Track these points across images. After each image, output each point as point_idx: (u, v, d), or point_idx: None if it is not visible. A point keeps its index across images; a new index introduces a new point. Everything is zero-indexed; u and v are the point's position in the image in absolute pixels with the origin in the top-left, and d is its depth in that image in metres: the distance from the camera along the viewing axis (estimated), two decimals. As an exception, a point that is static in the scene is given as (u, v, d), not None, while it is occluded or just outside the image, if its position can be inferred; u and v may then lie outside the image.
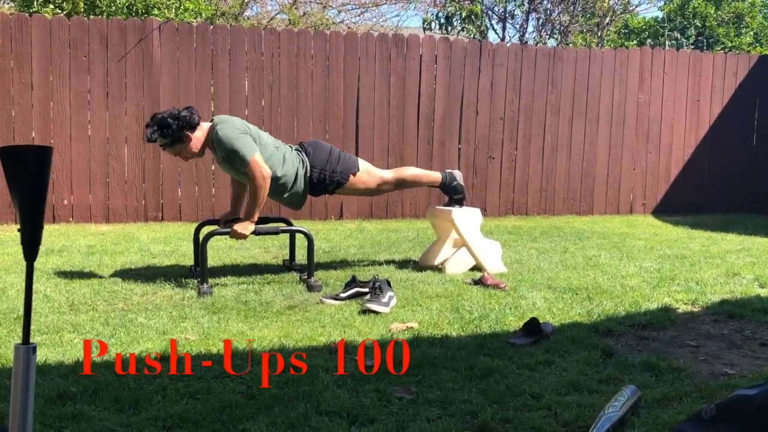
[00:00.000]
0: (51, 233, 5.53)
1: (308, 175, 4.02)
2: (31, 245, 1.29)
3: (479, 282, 3.91)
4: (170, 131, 3.76)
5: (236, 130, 3.78)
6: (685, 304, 3.55)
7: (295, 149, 4.09)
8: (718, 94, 7.93)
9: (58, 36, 6.14)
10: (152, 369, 2.45)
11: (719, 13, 12.84)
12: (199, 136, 3.85)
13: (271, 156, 3.88)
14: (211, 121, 3.92)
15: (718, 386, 2.37)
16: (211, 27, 6.58)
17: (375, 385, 2.33)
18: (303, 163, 4.02)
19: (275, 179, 3.90)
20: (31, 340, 1.32)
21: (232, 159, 3.76)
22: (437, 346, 2.77)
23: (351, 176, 4.10)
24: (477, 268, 4.30)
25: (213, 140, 3.81)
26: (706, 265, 4.57)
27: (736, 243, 5.61)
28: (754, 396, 1.78)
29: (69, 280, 3.90)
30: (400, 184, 4.35)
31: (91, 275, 4.04)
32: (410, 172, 4.38)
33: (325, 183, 4.07)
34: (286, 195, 4.01)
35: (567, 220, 7.18)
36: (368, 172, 4.20)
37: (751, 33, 12.98)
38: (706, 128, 7.92)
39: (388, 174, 4.29)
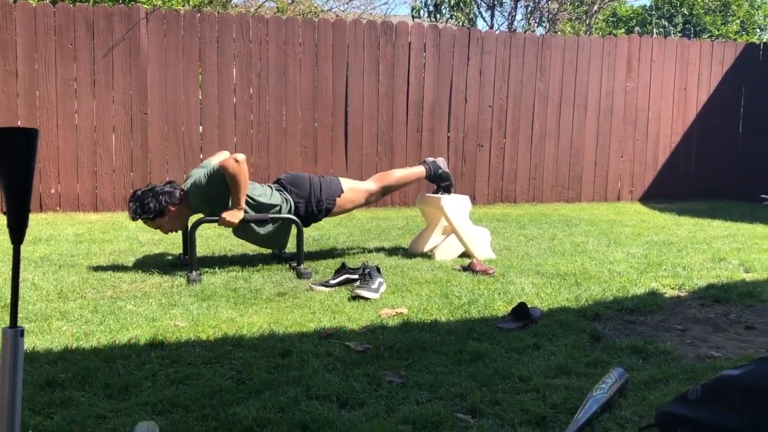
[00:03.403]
0: (38, 222, 5.50)
1: (293, 211, 4.02)
2: (17, 229, 1.28)
3: (468, 268, 3.92)
4: (152, 209, 3.80)
5: (201, 181, 3.82)
6: (672, 288, 3.59)
7: (276, 188, 4.07)
8: (705, 81, 7.97)
9: (43, 23, 6.08)
10: (142, 355, 2.45)
11: (706, 1, 12.88)
12: (180, 208, 3.88)
13: (260, 191, 3.93)
14: (182, 190, 3.92)
15: (704, 368, 2.39)
16: (199, 15, 6.54)
17: (365, 369, 2.34)
18: (286, 202, 4.02)
19: (268, 206, 3.90)
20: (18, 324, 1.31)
21: (207, 188, 3.78)
22: (427, 331, 2.78)
23: (337, 199, 4.12)
24: (466, 254, 4.32)
25: (188, 200, 3.87)
26: (692, 251, 4.61)
27: (722, 229, 5.66)
28: (739, 376, 1.81)
29: (57, 268, 3.88)
30: (387, 189, 4.37)
31: (79, 263, 4.02)
32: (394, 176, 4.38)
33: (313, 214, 4.08)
34: (267, 231, 3.95)
35: (555, 207, 7.21)
36: (353, 190, 4.20)
37: (738, 21, 13.04)
38: (693, 116, 7.97)
39: (373, 185, 4.29)
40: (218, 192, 3.79)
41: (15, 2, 6.10)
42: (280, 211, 3.97)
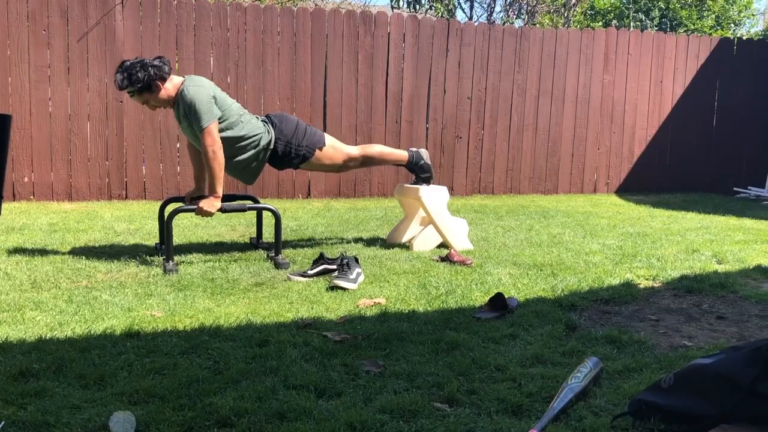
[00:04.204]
0: (11, 211, 5.41)
1: (272, 146, 3.98)
2: (-10, 216, 1.26)
3: (446, 259, 3.94)
4: (140, 79, 3.70)
5: (204, 92, 3.73)
6: (647, 279, 3.63)
7: (262, 120, 4.04)
8: (680, 75, 8.06)
9: (15, 8, 5.96)
10: (118, 345, 2.43)
11: (683, -5, 13.01)
12: (168, 87, 3.80)
13: (232, 120, 3.85)
14: (184, 78, 3.86)
15: (677, 357, 2.43)
16: (176, 2, 6.45)
17: (343, 359, 2.35)
18: (268, 133, 3.98)
19: (232, 139, 3.84)
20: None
21: (190, 117, 3.72)
22: (404, 321, 2.79)
23: (317, 150, 4.08)
24: (444, 245, 4.33)
25: (178, 94, 3.76)
26: (666, 243, 4.67)
27: (695, 221, 5.75)
28: (710, 365, 1.84)
29: (30, 257, 3.83)
30: (367, 161, 4.34)
31: (53, 253, 3.96)
32: (377, 149, 4.37)
33: (290, 156, 4.04)
34: (240, 158, 3.90)
35: (532, 199, 7.26)
36: (334, 148, 4.18)
37: (713, 16, 13.18)
38: (669, 109, 8.06)
39: (355, 150, 4.27)
40: (187, 118, 3.74)
41: (-14, -13, 5.97)
42: (259, 141, 3.93)
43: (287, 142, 4.01)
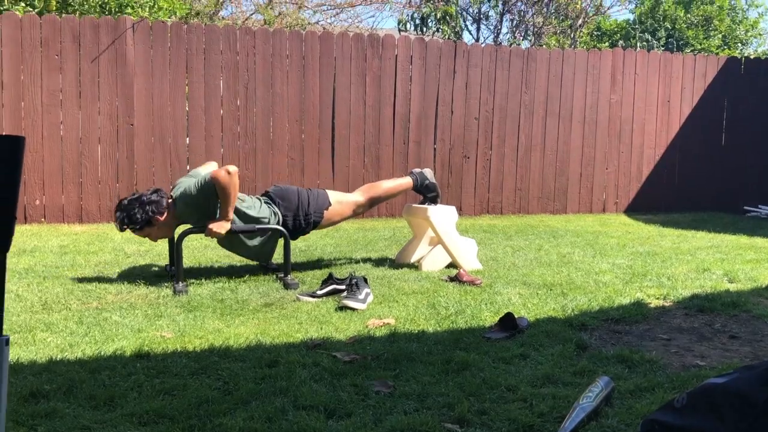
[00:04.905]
0: (23, 234, 5.45)
1: (280, 224, 4.02)
2: (3, 236, 1.27)
3: (455, 279, 3.93)
4: (139, 220, 3.77)
5: (191, 191, 3.79)
6: (657, 298, 3.61)
7: (264, 201, 4.08)
8: (688, 94, 8.07)
9: (30, 34, 6.06)
10: (128, 366, 2.43)
11: (689, 16, 13.06)
12: (167, 216, 3.85)
13: (250, 202, 3.93)
14: (171, 197, 3.90)
15: (690, 377, 2.41)
16: (186, 26, 6.54)
17: (352, 379, 2.34)
18: (275, 215, 4.02)
19: (256, 219, 3.90)
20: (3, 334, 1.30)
21: (198, 201, 3.76)
22: (414, 341, 2.78)
23: (325, 212, 4.13)
24: (453, 265, 4.32)
25: (175, 209, 3.84)
26: (677, 262, 4.65)
27: (706, 240, 5.72)
28: (724, 384, 1.82)
29: (41, 279, 3.85)
30: (374, 201, 4.38)
31: (64, 275, 3.98)
32: (381, 188, 4.40)
33: (301, 227, 4.09)
34: (254, 243, 3.95)
35: (541, 218, 7.25)
36: (340, 202, 4.22)
37: (720, 36, 13.23)
38: (677, 128, 8.06)
39: (360, 197, 4.30)
40: (207, 202, 3.78)
41: (1, 13, 6.07)
42: (268, 224, 3.97)
43: (295, 215, 4.05)
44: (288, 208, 4.05)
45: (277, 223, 4.00)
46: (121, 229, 3.81)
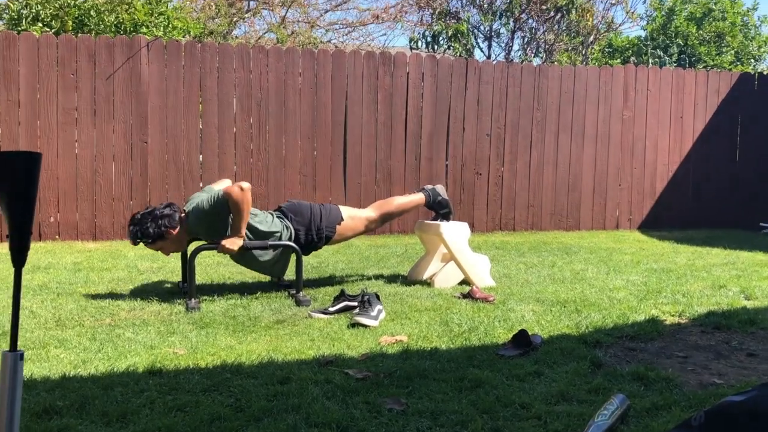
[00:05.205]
0: (37, 251, 5.49)
1: (293, 239, 4.03)
2: (19, 252, 1.28)
3: (468, 295, 3.91)
4: (152, 234, 3.79)
5: (203, 205, 3.81)
6: (672, 315, 3.58)
7: (277, 216, 4.10)
8: (701, 110, 8.04)
9: (46, 54, 6.14)
10: (140, 382, 2.43)
11: (701, 32, 13.05)
12: (180, 230, 3.87)
13: (260, 218, 3.94)
14: (183, 211, 3.92)
15: (707, 395, 2.38)
16: (200, 45, 6.61)
17: (365, 396, 2.33)
18: (287, 229, 4.03)
19: (268, 233, 3.91)
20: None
21: (211, 217, 3.78)
22: (427, 358, 2.77)
23: (337, 227, 4.14)
24: (465, 281, 4.31)
25: (187, 224, 3.86)
26: (692, 278, 4.60)
27: (721, 257, 5.66)
28: (742, 402, 1.79)
29: (55, 296, 3.87)
30: (387, 217, 4.39)
31: (77, 291, 4.00)
32: (394, 204, 4.41)
33: (313, 242, 4.10)
34: (266, 258, 3.98)
35: (554, 235, 7.22)
36: (353, 218, 4.23)
37: (732, 52, 13.19)
38: (690, 144, 8.02)
39: (372, 212, 4.31)
40: (220, 218, 3.80)
41: (19, 33, 6.17)
42: (280, 239, 3.97)
43: (307, 230, 4.06)
44: (300, 222, 4.06)
45: (289, 238, 4.01)
46: (134, 243, 3.83)
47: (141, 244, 3.86)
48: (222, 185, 4.11)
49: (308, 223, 4.07)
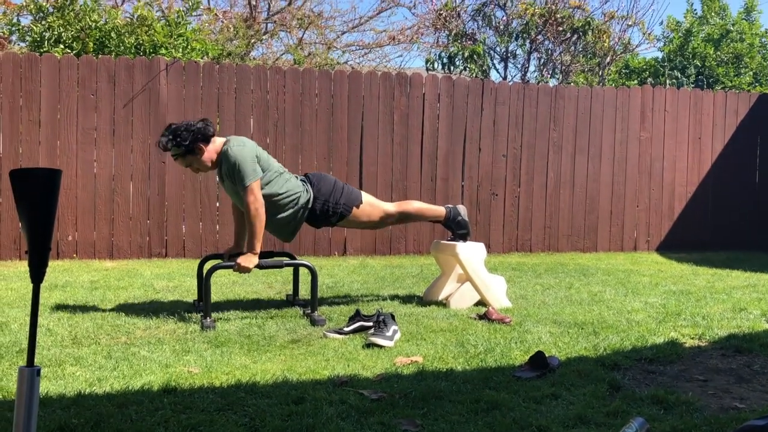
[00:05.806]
0: (54, 269, 5.53)
1: (310, 205, 4.04)
2: (38, 267, 1.29)
3: (484, 317, 3.88)
4: (184, 141, 3.80)
5: (247, 152, 3.83)
6: (692, 338, 3.52)
7: (301, 179, 4.12)
8: (719, 131, 7.98)
9: (67, 75, 6.24)
10: (155, 401, 2.43)
11: (719, 53, 13.00)
12: (211, 149, 3.89)
13: (273, 178, 3.93)
14: (226, 138, 3.96)
15: (728, 419, 2.33)
16: (218, 66, 6.68)
17: (380, 417, 2.30)
18: (307, 192, 4.04)
19: (272, 195, 3.91)
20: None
21: (234, 176, 3.80)
22: (442, 379, 2.74)
23: (354, 208, 4.12)
24: (482, 302, 4.28)
25: (222, 154, 3.86)
26: (711, 301, 4.54)
27: (741, 279, 5.58)
28: (765, 427, 1.76)
29: (72, 314, 3.88)
30: (404, 217, 4.36)
31: (94, 310, 4.02)
32: (414, 206, 4.40)
33: (328, 214, 4.08)
34: (280, 216, 3.98)
35: (571, 256, 7.16)
36: (371, 205, 4.22)
37: (751, 73, 13.12)
38: (708, 165, 7.95)
39: (392, 207, 4.30)
40: (230, 177, 3.83)
41: (41, 55, 6.28)
42: (298, 199, 3.99)
43: (325, 201, 4.06)
44: (320, 191, 4.08)
45: (307, 201, 4.02)
46: (165, 149, 3.83)
47: (171, 154, 3.87)
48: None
49: (328, 195, 4.08)
